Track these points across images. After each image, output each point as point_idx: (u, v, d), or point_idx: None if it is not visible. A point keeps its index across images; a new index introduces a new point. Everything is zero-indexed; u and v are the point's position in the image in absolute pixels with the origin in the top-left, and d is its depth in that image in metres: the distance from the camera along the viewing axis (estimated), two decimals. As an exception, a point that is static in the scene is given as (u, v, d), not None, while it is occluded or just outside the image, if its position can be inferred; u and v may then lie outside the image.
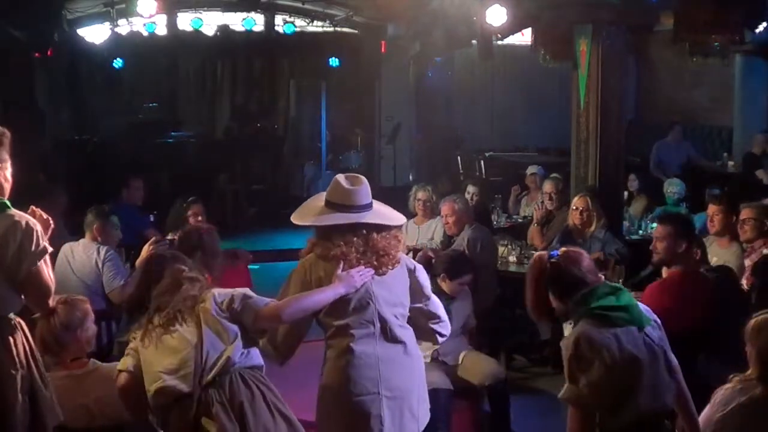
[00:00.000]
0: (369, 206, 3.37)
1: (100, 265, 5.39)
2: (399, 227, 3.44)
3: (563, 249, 3.14)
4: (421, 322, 3.49)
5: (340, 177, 3.41)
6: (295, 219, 3.41)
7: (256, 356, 3.20)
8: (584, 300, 2.96)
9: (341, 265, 3.24)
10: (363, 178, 3.43)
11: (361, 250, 3.28)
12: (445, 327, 3.57)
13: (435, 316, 3.52)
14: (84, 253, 5.45)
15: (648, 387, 2.89)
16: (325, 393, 3.32)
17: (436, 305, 3.53)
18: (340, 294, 3.20)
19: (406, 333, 3.38)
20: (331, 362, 3.30)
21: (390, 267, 3.32)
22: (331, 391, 3.30)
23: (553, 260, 3.07)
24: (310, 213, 3.39)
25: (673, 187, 8.13)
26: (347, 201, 3.32)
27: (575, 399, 2.93)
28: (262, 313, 3.13)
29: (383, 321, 3.29)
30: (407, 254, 5.52)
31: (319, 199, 3.44)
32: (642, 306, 3.08)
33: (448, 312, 5.08)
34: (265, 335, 3.28)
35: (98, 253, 5.42)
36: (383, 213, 3.41)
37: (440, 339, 3.61)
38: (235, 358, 3.09)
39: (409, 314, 3.42)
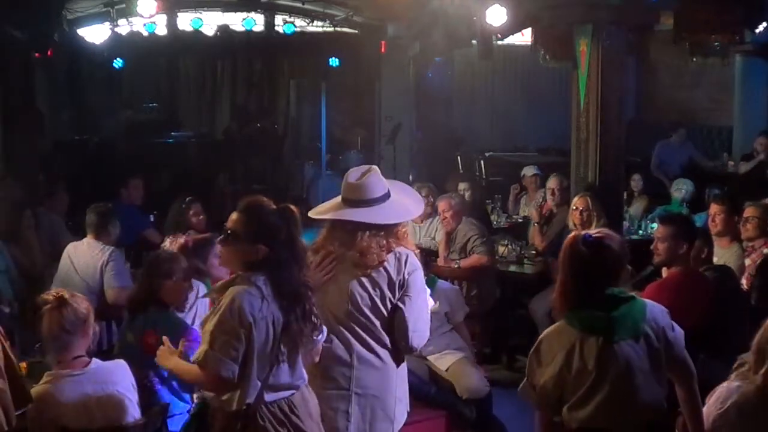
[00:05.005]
0: (383, 198, 3.32)
1: (104, 266, 5.40)
2: (394, 225, 3.34)
3: (597, 232, 3.03)
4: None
5: (351, 170, 3.40)
6: (311, 213, 3.43)
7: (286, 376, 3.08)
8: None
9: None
10: (374, 168, 3.37)
11: (346, 244, 3.26)
12: (414, 339, 3.34)
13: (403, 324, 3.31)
14: (88, 253, 5.46)
15: (605, 401, 2.88)
16: None
17: (411, 312, 3.32)
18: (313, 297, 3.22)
19: (383, 336, 3.32)
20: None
21: (372, 266, 3.26)
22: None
23: (587, 243, 2.94)
24: (325, 208, 3.40)
25: (681, 188, 8.14)
26: (357, 196, 3.31)
27: (526, 395, 3.04)
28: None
29: (358, 321, 3.28)
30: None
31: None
32: (656, 311, 3.02)
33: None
34: None
35: (103, 253, 5.43)
36: (393, 207, 3.34)
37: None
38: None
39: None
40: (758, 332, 2.94)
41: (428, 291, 3.56)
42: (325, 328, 3.18)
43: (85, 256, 5.46)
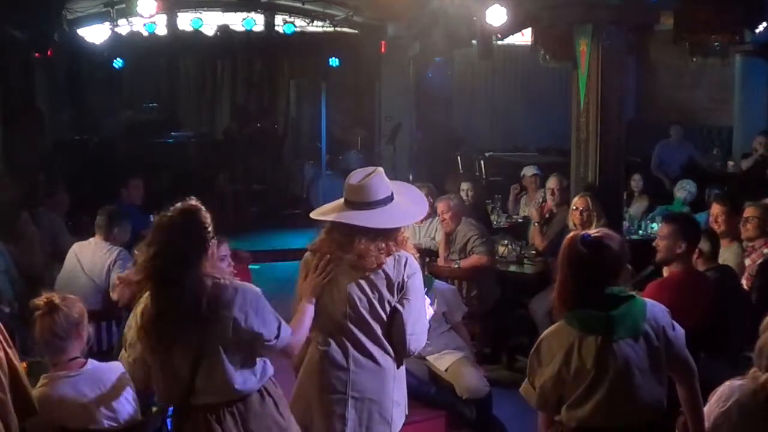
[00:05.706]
0: (385, 201, 3.29)
1: (112, 265, 5.41)
2: (395, 229, 3.30)
3: (596, 232, 3.01)
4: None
5: (355, 172, 3.37)
6: (312, 214, 3.42)
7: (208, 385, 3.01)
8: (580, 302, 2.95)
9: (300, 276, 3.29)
10: (378, 170, 3.33)
11: (344, 247, 3.24)
12: (411, 342, 3.29)
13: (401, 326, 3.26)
14: (96, 253, 5.46)
15: (604, 400, 2.88)
16: (298, 386, 3.36)
17: (410, 315, 3.27)
18: (310, 307, 3.24)
19: (380, 339, 3.29)
20: (308, 357, 3.33)
21: (370, 269, 3.22)
22: (302, 386, 3.34)
23: (586, 242, 2.93)
24: (328, 209, 3.38)
25: (685, 188, 8.15)
26: (359, 198, 3.28)
27: (527, 395, 3.05)
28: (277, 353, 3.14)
29: (356, 323, 3.26)
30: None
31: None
32: (657, 310, 3.02)
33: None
34: None
35: (111, 253, 5.44)
36: (395, 211, 3.30)
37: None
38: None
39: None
40: (761, 330, 2.94)
41: (428, 300, 3.54)
42: (286, 330, 3.08)
43: (92, 255, 5.47)
